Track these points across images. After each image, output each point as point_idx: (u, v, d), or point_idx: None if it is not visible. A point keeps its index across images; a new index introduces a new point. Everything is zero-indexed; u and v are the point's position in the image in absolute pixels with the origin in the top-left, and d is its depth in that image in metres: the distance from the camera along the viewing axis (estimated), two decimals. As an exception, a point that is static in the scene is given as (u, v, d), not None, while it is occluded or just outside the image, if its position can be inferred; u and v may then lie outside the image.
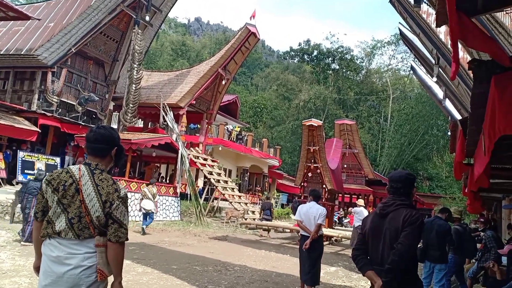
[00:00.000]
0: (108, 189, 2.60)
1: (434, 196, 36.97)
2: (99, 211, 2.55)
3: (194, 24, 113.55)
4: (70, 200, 2.57)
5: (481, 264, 7.57)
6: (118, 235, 2.56)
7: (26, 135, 16.97)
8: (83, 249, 2.56)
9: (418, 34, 7.98)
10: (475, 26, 2.49)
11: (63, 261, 2.54)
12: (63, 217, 2.56)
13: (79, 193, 2.57)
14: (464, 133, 4.41)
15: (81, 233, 2.55)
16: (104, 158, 2.73)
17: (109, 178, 2.65)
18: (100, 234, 2.59)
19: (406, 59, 54.40)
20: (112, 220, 2.57)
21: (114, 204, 2.57)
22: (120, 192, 2.63)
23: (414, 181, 3.21)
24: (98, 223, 2.56)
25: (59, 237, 2.56)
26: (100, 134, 2.71)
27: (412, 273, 2.90)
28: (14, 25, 19.50)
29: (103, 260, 2.57)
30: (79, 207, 2.55)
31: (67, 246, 2.56)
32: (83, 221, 2.55)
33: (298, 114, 52.96)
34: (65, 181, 2.60)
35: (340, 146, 27.99)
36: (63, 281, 2.53)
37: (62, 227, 2.55)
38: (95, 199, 2.56)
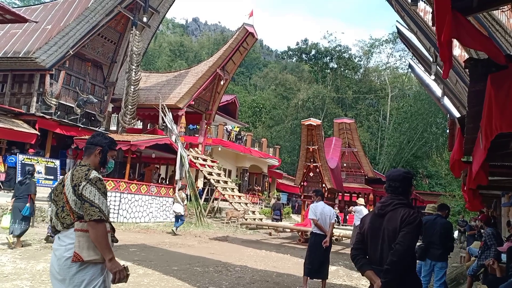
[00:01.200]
0: (79, 174, 2.88)
1: (434, 194, 36.95)
2: (72, 194, 2.83)
3: (192, 24, 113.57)
4: (59, 197, 2.92)
5: (481, 261, 7.57)
6: (89, 214, 2.73)
7: (25, 138, 16.97)
8: (67, 240, 2.80)
9: (416, 32, 7.98)
10: (470, 25, 2.49)
11: (54, 252, 2.85)
12: (54, 211, 2.91)
13: (64, 187, 2.91)
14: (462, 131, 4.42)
15: (64, 221, 2.84)
16: (89, 157, 3.06)
17: (84, 168, 2.94)
18: (79, 219, 2.81)
19: (404, 57, 54.41)
20: (83, 200, 2.79)
21: (81, 185, 2.81)
22: (90, 175, 2.87)
23: (412, 180, 3.20)
24: (74, 208, 2.82)
25: (56, 231, 2.90)
26: (90, 138, 3.13)
27: (410, 273, 2.90)
28: (12, 28, 19.49)
29: (79, 244, 2.75)
30: (62, 198, 2.88)
31: (60, 239, 2.85)
32: (65, 210, 2.85)
33: (297, 113, 52.95)
34: (58, 183, 3.02)
35: (339, 145, 28.01)
36: (55, 272, 2.81)
37: (54, 220, 2.91)
38: (70, 185, 2.86)
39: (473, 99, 3.06)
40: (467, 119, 3.61)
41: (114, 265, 2.77)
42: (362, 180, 34.18)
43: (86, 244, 2.75)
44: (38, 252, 8.89)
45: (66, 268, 2.74)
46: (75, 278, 2.73)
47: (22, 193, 9.48)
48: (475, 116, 3.26)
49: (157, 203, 19.29)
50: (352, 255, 3.18)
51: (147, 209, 18.63)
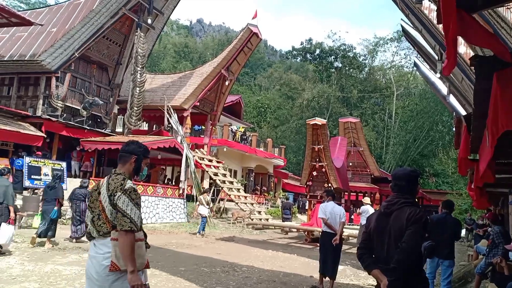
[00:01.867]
0: (115, 184, 2.92)
1: (441, 193, 36.79)
2: (108, 204, 2.88)
3: (196, 25, 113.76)
4: (95, 203, 2.99)
5: (488, 259, 7.53)
6: (121, 224, 2.79)
7: (32, 141, 17.06)
8: (105, 249, 2.87)
9: (421, 30, 7.95)
10: (475, 22, 2.48)
11: (92, 260, 2.92)
12: (90, 218, 2.98)
13: (99, 195, 2.97)
14: (468, 129, 4.41)
15: (101, 229, 2.90)
16: (124, 165, 3.11)
17: (120, 178, 2.98)
18: (114, 228, 2.86)
19: (409, 55, 54.22)
20: (116, 210, 2.85)
21: (116, 195, 2.86)
22: (125, 185, 2.91)
23: (418, 178, 3.19)
24: (110, 217, 2.87)
25: (91, 237, 2.98)
26: (125, 145, 3.18)
27: (417, 272, 2.89)
28: (17, 31, 19.60)
29: (115, 253, 2.80)
30: (98, 206, 2.94)
31: (96, 246, 2.93)
32: (101, 218, 2.91)
33: (302, 113, 52.86)
34: (94, 190, 3.08)
35: (345, 144, 27.94)
36: (94, 279, 2.87)
37: (90, 227, 2.97)
38: (106, 195, 2.91)
39: (479, 97, 3.05)
40: (473, 117, 3.59)
41: (134, 278, 2.76)
42: (368, 179, 34.03)
43: (119, 254, 2.81)
44: (46, 254, 8.95)
45: (105, 276, 2.81)
46: (116, 285, 2.81)
47: (51, 197, 10.08)
48: (481, 114, 3.25)
49: (164, 204, 19.33)
50: (359, 254, 3.18)
51: (154, 210, 18.68)
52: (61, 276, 6.99)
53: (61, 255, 8.96)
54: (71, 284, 6.53)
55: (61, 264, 7.94)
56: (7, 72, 19.62)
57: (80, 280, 6.80)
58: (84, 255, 9.14)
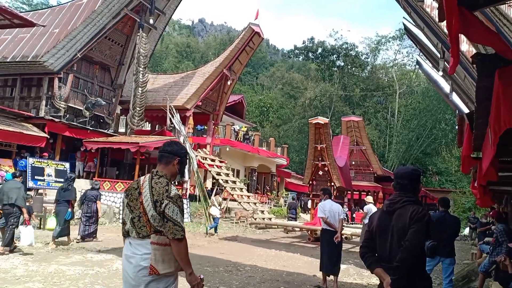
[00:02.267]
0: (160, 190, 2.89)
1: (444, 191, 36.73)
2: (152, 210, 2.85)
3: (198, 25, 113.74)
4: (134, 203, 2.95)
5: (492, 258, 7.51)
6: (173, 232, 2.81)
7: (35, 142, 17.11)
8: (143, 250, 2.87)
9: (423, 28, 7.95)
10: (477, 20, 2.48)
11: (129, 259, 2.91)
12: (129, 217, 2.95)
13: (140, 196, 2.93)
14: (470, 126, 4.39)
15: (141, 231, 2.88)
16: (167, 166, 3.07)
17: (163, 181, 2.95)
18: (156, 232, 2.86)
19: (412, 53, 54.07)
20: (166, 218, 2.83)
21: (163, 203, 2.85)
22: (170, 192, 2.89)
23: (420, 177, 3.18)
24: (153, 222, 2.85)
25: (129, 236, 2.96)
26: (166, 146, 3.15)
27: (420, 270, 2.88)
28: (20, 32, 19.66)
29: (155, 257, 2.82)
30: (139, 207, 2.91)
31: (132, 246, 2.92)
32: (142, 220, 2.89)
33: (305, 112, 52.83)
34: (133, 188, 3.02)
35: (348, 143, 27.89)
36: (129, 278, 2.89)
37: (128, 226, 2.95)
38: (149, 199, 2.88)
39: (481, 94, 3.04)
40: (475, 115, 3.58)
41: (194, 278, 2.92)
42: (371, 178, 34.04)
43: (161, 258, 2.84)
44: (49, 255, 8.97)
45: (141, 277, 2.85)
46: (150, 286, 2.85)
47: (64, 199, 10.39)
48: (483, 112, 3.24)
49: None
50: (361, 253, 3.18)
51: (157, 210, 18.68)
52: (65, 276, 7.01)
53: (65, 256, 8.98)
54: (75, 284, 6.54)
55: (65, 264, 7.96)
56: (10, 73, 19.69)
57: (84, 280, 6.82)
58: (88, 255, 9.17)
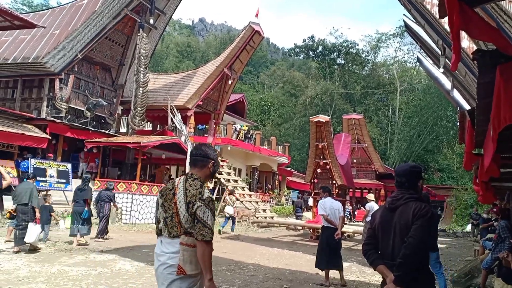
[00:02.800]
0: (194, 192, 2.97)
1: (446, 188, 36.70)
2: (184, 211, 2.94)
3: (198, 25, 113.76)
4: (168, 203, 3.04)
5: (495, 254, 7.51)
6: (202, 234, 2.86)
7: (37, 143, 17.13)
8: (172, 249, 2.96)
9: (423, 25, 7.92)
10: (477, 16, 2.47)
11: (158, 257, 3.03)
12: (163, 217, 3.04)
13: (174, 196, 3.03)
14: (472, 123, 4.39)
15: (172, 231, 2.97)
16: (202, 169, 3.15)
17: (197, 184, 3.03)
18: (185, 233, 2.93)
19: (412, 50, 53.93)
20: (196, 220, 2.90)
21: (196, 205, 2.92)
22: (203, 195, 2.97)
23: (419, 173, 3.16)
24: (184, 223, 2.93)
25: (161, 235, 3.06)
26: (199, 150, 3.20)
27: (423, 267, 2.88)
28: (20, 33, 19.69)
29: (183, 258, 2.90)
30: (173, 207, 3.00)
31: (163, 244, 3.03)
32: (174, 220, 2.98)
33: (305, 110, 52.80)
34: (168, 188, 3.12)
35: (349, 141, 27.84)
36: (158, 275, 3.03)
37: (162, 225, 3.04)
38: (183, 200, 2.96)
39: (482, 91, 3.04)
40: (477, 111, 3.58)
41: (212, 285, 2.92)
42: (372, 176, 33.98)
43: (189, 259, 2.90)
44: (52, 255, 8.99)
45: (167, 274, 2.94)
46: (172, 285, 2.93)
47: (80, 198, 10.82)
48: (485, 108, 3.24)
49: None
50: (364, 250, 3.18)
51: (159, 210, 18.71)
52: (68, 277, 7.02)
53: (68, 256, 9.00)
54: (78, 285, 6.56)
55: (68, 265, 7.98)
56: (11, 75, 19.72)
57: (87, 281, 6.83)
58: (91, 256, 9.19)
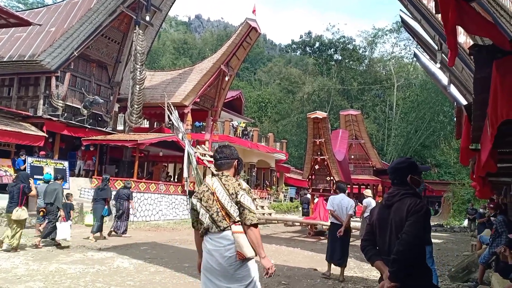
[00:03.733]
0: (233, 184, 3.33)
1: (443, 183, 36.79)
2: (230, 202, 3.27)
3: (194, 21, 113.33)
4: (209, 203, 3.33)
5: (492, 249, 7.54)
6: (249, 219, 3.23)
7: (34, 141, 17.08)
8: (224, 242, 3.24)
9: (420, 21, 7.90)
10: (474, 11, 2.47)
11: (212, 253, 3.28)
12: (207, 216, 3.32)
13: (213, 195, 3.33)
14: (469, 118, 4.39)
15: (221, 225, 3.26)
16: (229, 169, 3.51)
17: (232, 179, 3.40)
18: (235, 223, 3.26)
19: (409, 46, 53.98)
20: (242, 207, 3.25)
21: (239, 194, 3.28)
22: (242, 185, 3.36)
23: (405, 169, 3.10)
24: (233, 212, 3.26)
25: (208, 233, 3.33)
26: (222, 153, 3.54)
27: (419, 262, 2.88)
28: (16, 31, 19.58)
29: (239, 244, 3.20)
30: (215, 204, 3.30)
31: (214, 240, 3.29)
32: (220, 215, 3.28)
33: (303, 107, 52.80)
34: (204, 190, 3.41)
35: (346, 137, 27.90)
36: (215, 269, 3.25)
37: (208, 223, 3.32)
38: (225, 194, 3.29)
39: (479, 86, 3.04)
40: (473, 107, 3.58)
41: (267, 261, 3.31)
42: (370, 172, 34.06)
43: (243, 244, 3.21)
44: (50, 254, 8.98)
45: (227, 266, 3.22)
46: (243, 271, 3.25)
47: (100, 197, 11.74)
48: (481, 103, 3.24)
49: (166, 201, 19.38)
50: (362, 246, 3.20)
51: (157, 207, 18.72)
52: (66, 275, 7.02)
53: (65, 254, 9.00)
54: (76, 283, 6.55)
55: (66, 263, 7.97)
56: (7, 73, 19.62)
57: (85, 279, 6.83)
58: (89, 254, 9.18)
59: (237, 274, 3.22)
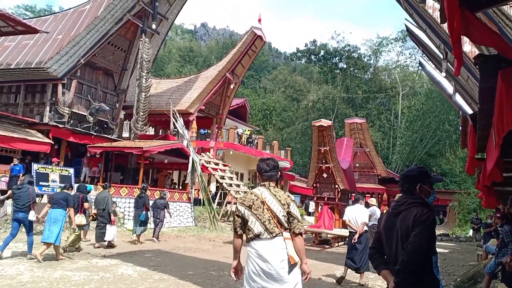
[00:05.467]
0: (284, 196, 3.63)
1: (449, 192, 36.55)
2: (282, 212, 3.55)
3: (200, 29, 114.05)
4: (259, 211, 3.58)
5: (498, 259, 7.47)
6: (298, 228, 3.56)
7: (39, 148, 17.17)
8: (278, 247, 3.51)
9: (425, 30, 7.93)
10: (479, 21, 2.48)
11: (266, 257, 3.49)
12: (258, 223, 3.56)
13: (264, 204, 3.57)
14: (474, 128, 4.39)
15: (273, 231, 3.52)
16: (275, 181, 3.79)
17: (280, 190, 3.68)
18: (285, 229, 3.55)
19: (414, 55, 53.94)
20: (292, 217, 3.56)
21: (290, 205, 3.59)
22: (291, 197, 3.68)
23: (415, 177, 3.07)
24: (284, 221, 3.54)
25: (258, 238, 3.56)
26: (270, 165, 3.74)
27: (426, 273, 2.84)
28: (23, 39, 19.76)
29: (292, 249, 3.51)
30: (267, 213, 3.56)
31: (264, 245, 3.53)
32: (272, 222, 3.54)
33: (307, 115, 52.76)
34: (252, 199, 3.65)
35: (351, 146, 27.82)
36: (268, 272, 3.47)
37: (259, 230, 3.55)
38: (277, 204, 3.56)
39: (484, 95, 3.04)
40: (479, 116, 3.58)
41: (308, 267, 3.60)
42: (375, 180, 33.93)
43: (293, 249, 3.53)
44: (55, 260, 8.99)
45: (280, 269, 3.46)
46: (291, 274, 3.49)
47: (139, 204, 12.95)
48: (487, 113, 3.24)
49: (171, 208, 19.33)
50: (369, 254, 3.21)
51: (161, 214, 18.67)
52: (70, 282, 7.02)
53: (70, 261, 9.00)
54: (80, 290, 6.55)
55: (70, 270, 7.98)
56: (14, 80, 19.78)
57: (89, 286, 6.83)
58: (93, 261, 9.19)
59: (291, 275, 3.49)
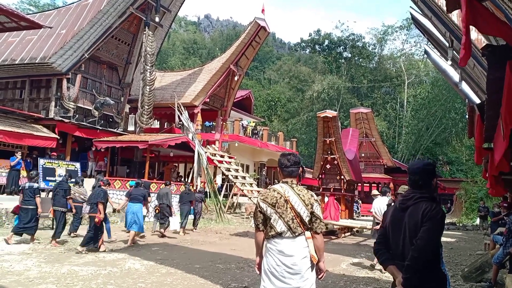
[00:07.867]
0: (308, 195, 3.56)
1: (455, 181, 36.42)
2: (306, 211, 3.50)
3: (204, 21, 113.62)
4: (282, 209, 3.52)
5: (506, 249, 7.42)
6: (321, 228, 3.54)
7: (46, 143, 17.22)
8: (297, 245, 3.50)
9: (430, 18, 7.83)
10: (486, 11, 2.42)
11: (289, 254, 3.48)
12: (281, 222, 3.52)
13: (287, 203, 3.52)
14: (481, 118, 4.33)
15: (296, 230, 3.50)
16: (296, 177, 3.70)
17: (304, 189, 3.62)
18: (307, 229, 3.53)
19: (420, 43, 53.34)
20: (315, 217, 3.53)
21: (314, 205, 3.54)
22: (314, 197, 3.62)
23: (432, 171, 3.05)
24: (306, 221, 3.50)
25: (280, 236, 3.52)
26: (291, 161, 3.65)
27: (434, 269, 2.83)
28: (27, 34, 19.77)
29: (313, 248, 3.51)
30: (290, 212, 3.51)
31: (286, 243, 3.50)
32: (295, 222, 3.50)
33: (312, 105, 52.55)
34: (275, 197, 3.57)
35: (357, 136, 27.66)
36: (290, 268, 3.47)
37: (282, 228, 3.51)
38: (301, 204, 3.51)
39: (492, 86, 2.98)
40: (486, 107, 3.52)
41: (324, 265, 3.65)
42: (381, 170, 33.79)
43: (313, 248, 3.52)
44: (62, 255, 9.04)
45: (302, 265, 3.47)
46: (309, 271, 3.49)
47: (186, 200, 14.23)
48: (494, 103, 3.18)
49: (177, 201, 19.39)
50: (375, 249, 3.17)
51: (168, 207, 18.74)
52: (78, 277, 7.06)
53: (78, 256, 9.05)
54: (88, 285, 6.59)
55: (78, 265, 8.02)
56: (18, 76, 19.83)
57: (97, 281, 6.86)
58: (100, 255, 9.23)
59: (309, 272, 3.51)
